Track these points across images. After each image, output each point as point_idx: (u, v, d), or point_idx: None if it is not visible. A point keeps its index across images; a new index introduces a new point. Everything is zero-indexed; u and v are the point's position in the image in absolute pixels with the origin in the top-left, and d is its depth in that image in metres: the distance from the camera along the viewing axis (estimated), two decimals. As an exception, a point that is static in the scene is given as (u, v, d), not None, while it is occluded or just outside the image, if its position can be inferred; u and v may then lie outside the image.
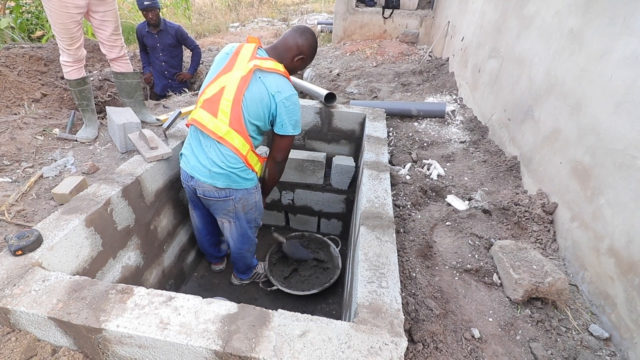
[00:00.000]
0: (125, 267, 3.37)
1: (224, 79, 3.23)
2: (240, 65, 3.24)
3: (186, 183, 3.54)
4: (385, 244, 2.63)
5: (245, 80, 3.17)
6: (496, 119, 4.75)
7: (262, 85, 3.18)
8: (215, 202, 3.53)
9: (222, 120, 3.20)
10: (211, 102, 3.24)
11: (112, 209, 3.10)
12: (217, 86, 3.24)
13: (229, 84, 3.21)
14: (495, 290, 2.79)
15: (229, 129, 3.21)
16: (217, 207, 3.59)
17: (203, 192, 3.46)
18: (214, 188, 3.40)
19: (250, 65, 3.19)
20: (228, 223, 3.75)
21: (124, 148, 4.01)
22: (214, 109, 3.22)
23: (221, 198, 3.48)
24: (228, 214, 3.64)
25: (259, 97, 3.19)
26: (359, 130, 5.10)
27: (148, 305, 2.10)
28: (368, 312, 2.12)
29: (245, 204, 3.59)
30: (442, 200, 3.74)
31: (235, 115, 3.19)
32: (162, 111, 5.23)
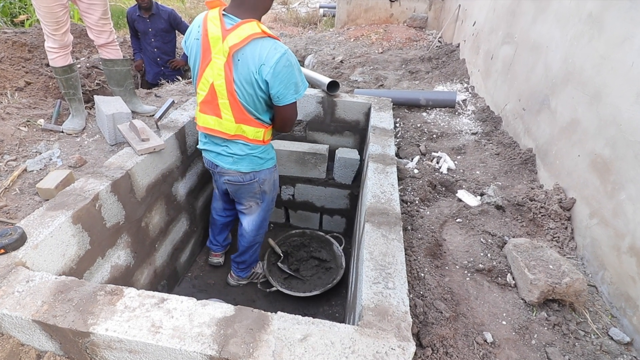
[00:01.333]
0: (115, 266, 3.37)
1: (209, 73, 3.18)
2: (216, 50, 3.08)
3: (212, 169, 3.78)
4: (392, 242, 2.62)
5: (229, 67, 3.08)
6: (510, 109, 4.74)
7: (245, 66, 3.05)
8: (241, 187, 3.75)
9: (227, 119, 3.32)
10: (209, 103, 3.31)
11: (101, 204, 3.09)
12: (206, 84, 3.23)
13: (216, 79, 3.16)
14: (509, 291, 2.78)
15: (238, 125, 3.33)
16: (243, 192, 3.82)
17: (229, 178, 3.71)
18: (239, 173, 3.65)
19: (226, 48, 3.02)
20: (256, 205, 3.98)
21: (113, 140, 4.00)
22: (215, 110, 3.31)
23: (246, 182, 3.70)
24: (254, 197, 3.88)
25: (248, 82, 3.11)
26: (364, 120, 5.09)
27: (139, 308, 2.10)
28: (373, 315, 2.11)
29: (269, 184, 3.84)
30: (452, 196, 3.73)
31: (237, 110, 3.25)
32: (154, 100, 5.23)
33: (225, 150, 3.52)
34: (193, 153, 4.47)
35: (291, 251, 5.15)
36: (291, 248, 5.20)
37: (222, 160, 3.57)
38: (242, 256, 4.52)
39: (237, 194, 3.90)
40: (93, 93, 6.13)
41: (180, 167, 4.26)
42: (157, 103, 5.11)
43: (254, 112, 3.28)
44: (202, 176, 4.82)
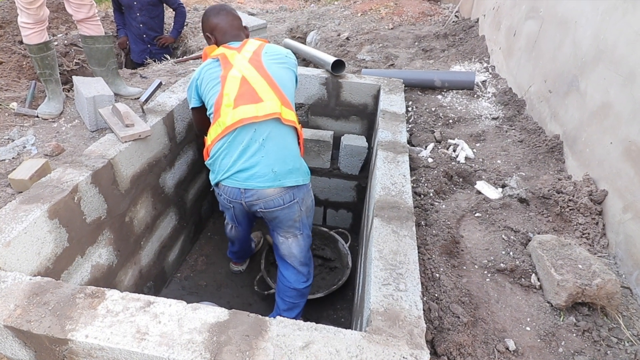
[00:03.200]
0: (96, 266, 3.37)
1: (235, 72, 3.46)
2: (234, 58, 3.53)
3: (236, 202, 3.58)
4: (404, 239, 2.62)
5: (257, 57, 3.54)
6: (535, 91, 4.72)
7: (272, 52, 3.66)
8: (280, 212, 3.58)
9: (271, 99, 3.43)
10: (245, 94, 3.39)
11: (80, 197, 3.09)
12: (234, 82, 3.43)
13: (244, 69, 3.46)
14: (533, 293, 2.77)
15: (283, 106, 3.46)
16: (282, 219, 3.65)
17: (265, 205, 3.51)
18: (281, 192, 3.46)
19: (248, 50, 3.59)
20: (294, 238, 3.81)
21: (94, 125, 4.00)
22: (254, 96, 3.39)
23: (286, 204, 3.53)
24: (294, 225, 3.72)
25: (279, 62, 3.62)
26: (373, 104, 5.09)
27: (122, 312, 2.09)
28: (383, 320, 2.11)
29: (307, 205, 3.72)
30: (470, 188, 3.73)
31: (278, 92, 3.47)
32: (139, 82, 5.22)
33: (262, 157, 3.38)
34: (183, 140, 4.47)
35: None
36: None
37: (260, 180, 3.40)
38: (295, 315, 4.13)
39: (273, 224, 3.75)
40: (72, 74, 6.12)
41: (169, 156, 4.27)
42: (142, 85, 5.11)
43: (289, 95, 3.54)
44: (192, 166, 4.82)
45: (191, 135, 4.63)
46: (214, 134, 3.43)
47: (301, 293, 4.00)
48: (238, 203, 3.57)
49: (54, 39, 6.48)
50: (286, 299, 4.01)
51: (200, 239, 5.48)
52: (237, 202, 3.55)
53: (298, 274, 3.94)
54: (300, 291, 3.98)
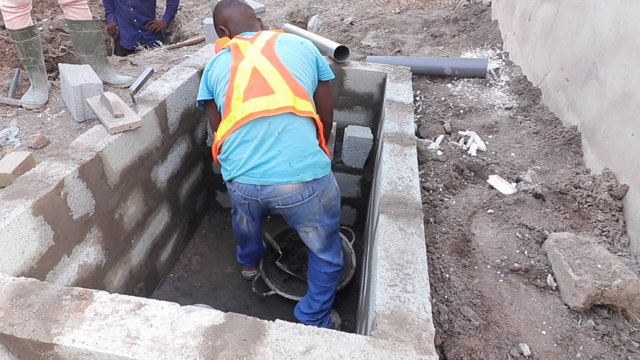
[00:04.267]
0: (83, 266, 3.37)
1: (246, 63, 3.51)
2: (245, 49, 3.59)
3: (252, 199, 3.58)
4: (411, 237, 2.62)
5: (270, 46, 3.60)
6: (551, 80, 4.71)
7: (287, 40, 3.71)
8: (299, 208, 3.57)
9: (283, 91, 3.44)
10: (255, 86, 3.42)
11: (67, 192, 3.08)
12: (245, 73, 3.47)
13: (256, 60, 3.51)
14: (549, 295, 2.77)
15: (296, 97, 3.47)
16: (301, 214, 3.65)
17: (283, 202, 3.52)
18: (300, 187, 3.45)
19: (261, 40, 3.66)
20: (314, 231, 3.81)
21: (81, 116, 4.00)
22: (265, 88, 3.41)
23: (305, 199, 3.53)
24: (313, 219, 3.71)
25: (294, 49, 3.67)
26: (378, 93, 5.08)
27: (112, 315, 2.09)
28: (389, 324, 2.11)
29: (328, 196, 3.68)
30: (482, 182, 3.72)
31: (291, 82, 3.49)
32: (130, 69, 5.22)
33: (279, 151, 3.38)
34: (176, 131, 4.47)
35: (291, 248, 5.15)
36: (291, 244, 5.19)
37: (277, 175, 3.40)
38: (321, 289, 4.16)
39: (292, 220, 3.77)
40: (57, 61, 6.12)
41: (161, 149, 4.26)
42: (133, 72, 5.11)
43: (304, 84, 3.57)
44: (186, 159, 4.82)
45: (185, 126, 4.63)
46: (224, 129, 3.46)
47: (331, 277, 4.03)
48: (254, 200, 3.57)
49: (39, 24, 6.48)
50: (317, 282, 4.07)
51: (194, 237, 5.47)
52: (253, 199, 3.56)
53: (321, 260, 3.97)
54: (330, 275, 4.02)
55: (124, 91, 4.56)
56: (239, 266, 4.96)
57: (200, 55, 5.13)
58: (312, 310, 4.13)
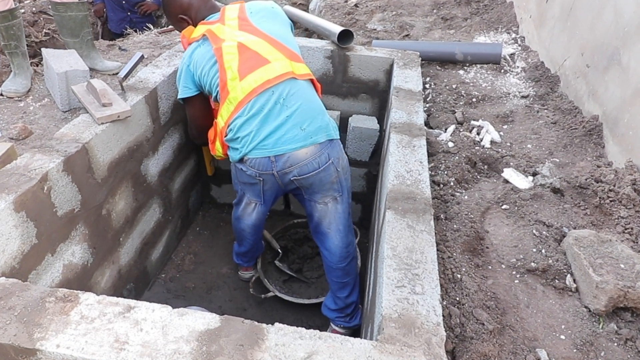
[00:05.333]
0: (68, 265, 3.37)
1: (229, 42, 3.58)
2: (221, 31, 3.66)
3: (267, 173, 3.62)
4: (420, 234, 2.61)
5: (244, 19, 3.72)
6: (570, 66, 4.71)
7: (256, 6, 3.86)
8: (316, 176, 3.65)
9: (278, 59, 3.57)
10: (248, 61, 3.52)
11: (51, 187, 3.08)
12: (231, 51, 3.55)
13: (238, 37, 3.60)
14: (568, 297, 2.77)
15: (292, 62, 3.62)
16: (319, 184, 3.72)
17: (299, 171, 3.58)
18: (314, 153, 3.57)
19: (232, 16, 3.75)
20: (333, 202, 3.87)
21: (66, 105, 4.00)
22: (259, 60, 3.52)
23: (322, 167, 3.61)
24: (332, 187, 3.78)
25: (270, 15, 3.86)
26: (385, 80, 5.08)
27: (99, 318, 2.09)
28: (397, 328, 2.10)
29: (343, 165, 3.78)
30: (497, 176, 3.72)
31: (282, 48, 3.64)
32: (118, 55, 5.21)
33: (287, 116, 3.47)
34: (168, 121, 4.47)
35: (292, 246, 5.16)
36: (292, 242, 5.20)
37: (291, 141, 3.48)
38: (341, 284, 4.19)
39: (309, 192, 3.82)
40: (41, 46, 6.12)
41: (152, 140, 4.26)
42: (122, 58, 5.11)
43: (292, 45, 3.76)
44: (179, 151, 4.83)
45: (177, 116, 4.63)
46: (226, 113, 3.52)
47: (345, 271, 4.07)
48: (269, 174, 3.62)
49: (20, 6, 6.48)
50: (334, 279, 4.12)
51: (187, 234, 5.49)
52: (268, 173, 3.60)
53: (338, 247, 3.99)
54: (344, 269, 4.06)
55: (112, 78, 4.55)
56: (235, 266, 4.97)
57: (193, 40, 5.12)
58: (337, 306, 4.19)
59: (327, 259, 4.06)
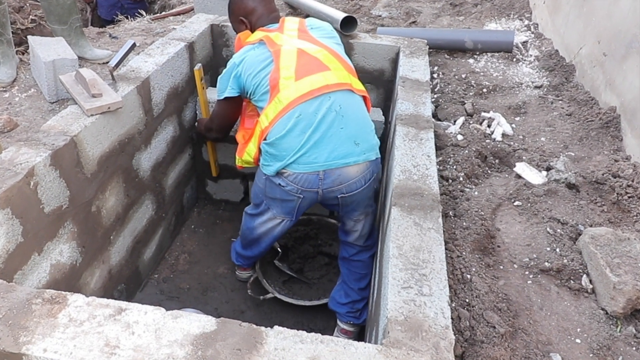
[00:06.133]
0: (56, 265, 3.37)
1: (288, 47, 3.66)
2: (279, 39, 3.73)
3: (311, 191, 3.60)
4: (428, 232, 2.61)
5: (304, 31, 3.88)
6: (586, 54, 4.70)
7: (318, 23, 4.08)
8: (360, 194, 3.68)
9: (338, 68, 3.65)
10: (307, 65, 3.57)
11: (37, 182, 3.07)
12: (290, 55, 3.61)
13: (298, 44, 3.70)
14: (584, 298, 2.77)
15: (350, 75, 3.72)
16: (359, 201, 3.78)
17: (347, 189, 3.59)
18: (363, 170, 3.59)
19: (292, 27, 3.89)
20: (366, 217, 3.94)
21: (53, 96, 3.99)
22: (319, 65, 3.58)
23: (366, 184, 3.64)
24: (368, 204, 3.90)
25: (330, 34, 4.02)
26: (390, 70, 5.08)
27: (88, 321, 2.09)
28: (403, 331, 2.10)
29: (378, 179, 3.83)
30: (508, 171, 3.71)
31: (342, 61, 3.75)
32: (109, 43, 5.21)
33: (340, 129, 3.45)
34: (161, 113, 4.47)
35: (292, 245, 5.15)
36: (292, 241, 5.19)
37: (343, 156, 3.46)
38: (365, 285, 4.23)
39: (347, 209, 3.85)
40: (27, 33, 6.12)
41: (144, 133, 4.25)
42: (112, 46, 5.10)
43: (349, 61, 3.87)
44: (173, 144, 4.83)
45: (171, 107, 4.62)
46: (272, 112, 3.51)
47: (366, 264, 4.12)
48: (313, 192, 3.60)
49: (5, -9, 6.47)
50: (353, 269, 4.16)
51: (182, 232, 5.49)
52: (313, 191, 3.58)
53: (361, 249, 4.08)
54: (365, 262, 4.11)
55: (102, 67, 4.55)
56: (232, 266, 4.95)
57: (188, 27, 5.12)
58: (350, 298, 4.19)
59: (347, 256, 4.14)
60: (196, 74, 4.57)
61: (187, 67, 4.83)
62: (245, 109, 4.03)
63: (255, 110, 3.88)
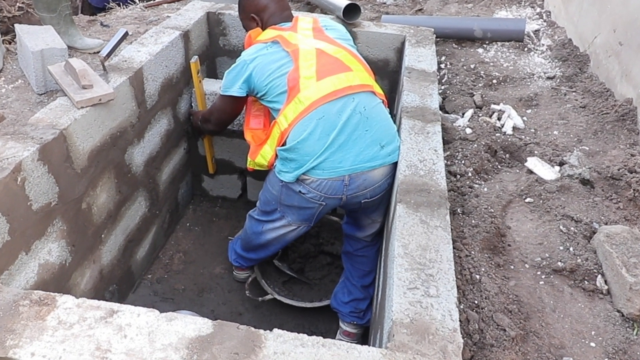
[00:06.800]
0: (45, 265, 3.37)
1: (306, 47, 3.67)
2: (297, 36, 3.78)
3: (334, 197, 3.59)
4: (435, 230, 2.61)
5: (319, 31, 3.91)
6: (601, 44, 4.69)
7: (332, 24, 4.13)
8: (382, 197, 3.66)
9: (360, 70, 3.70)
10: (328, 65, 3.59)
11: (25, 178, 3.07)
12: (309, 55, 3.63)
13: (315, 43, 3.72)
14: (599, 300, 2.76)
15: (371, 78, 3.77)
16: (380, 204, 3.77)
17: (372, 193, 3.58)
18: (388, 172, 3.56)
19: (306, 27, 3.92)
20: (382, 218, 3.90)
21: (42, 87, 3.99)
22: (341, 66, 3.60)
23: (388, 187, 3.61)
24: (385, 206, 3.81)
25: (345, 35, 4.09)
26: (395, 60, 5.09)
27: (78, 323, 2.09)
28: (409, 334, 2.10)
29: None
30: (519, 166, 3.71)
31: (361, 62, 3.80)
32: (100, 32, 5.21)
33: (365, 131, 3.44)
34: (155, 105, 4.47)
35: (293, 244, 5.14)
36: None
37: (369, 159, 3.44)
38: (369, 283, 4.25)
39: (366, 213, 3.86)
40: (14, 21, 6.11)
41: (137, 126, 4.25)
42: (104, 35, 5.10)
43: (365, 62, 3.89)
44: (167, 138, 4.83)
45: (165, 99, 4.62)
46: (292, 114, 3.48)
47: (372, 259, 4.13)
48: (336, 199, 3.59)
49: (-9, -22, 6.47)
50: (357, 266, 4.18)
51: (176, 230, 5.49)
52: (336, 197, 3.57)
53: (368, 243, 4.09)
54: (371, 258, 4.12)
55: (93, 57, 4.54)
56: (229, 266, 4.95)
57: (183, 15, 5.12)
58: (352, 296, 4.19)
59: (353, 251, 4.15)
60: (192, 67, 4.57)
61: (182, 57, 4.84)
62: (250, 108, 4.03)
63: (261, 110, 3.91)
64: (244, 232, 4.37)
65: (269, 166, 3.80)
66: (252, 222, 4.17)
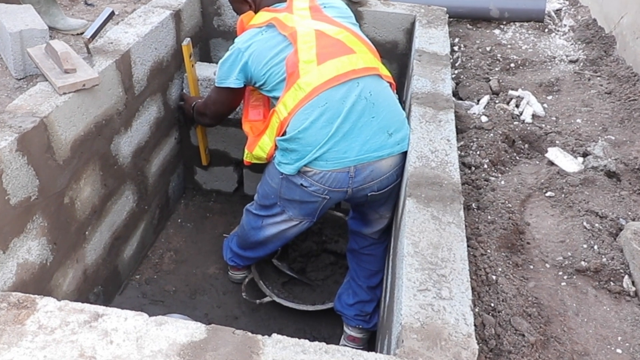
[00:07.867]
0: (23, 264, 3.37)
1: (304, 28, 3.62)
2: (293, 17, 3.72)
3: (339, 190, 3.59)
4: (448, 227, 2.61)
5: (317, 10, 3.84)
6: (628, 24, 4.68)
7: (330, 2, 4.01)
8: (391, 190, 3.67)
9: (364, 51, 3.67)
10: (329, 47, 3.58)
11: (2, 170, 3.06)
12: (308, 37, 3.59)
13: (313, 24, 3.68)
14: (626, 302, 2.76)
15: (376, 59, 3.76)
16: (388, 197, 3.76)
17: (379, 185, 3.59)
18: (397, 162, 3.57)
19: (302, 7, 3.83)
20: (391, 213, 3.90)
21: (20, 71, 3.99)
22: (343, 48, 3.58)
23: (399, 177, 3.63)
24: (395, 199, 3.80)
25: (346, 13, 4.02)
26: (405, 42, 5.08)
27: (60, 328, 2.08)
28: (419, 339, 2.10)
29: None
30: (539, 157, 3.71)
31: (365, 43, 3.78)
32: (83, 11, 5.20)
33: (371, 118, 3.44)
34: (143, 91, 4.47)
35: (293, 242, 5.14)
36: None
37: (376, 149, 3.44)
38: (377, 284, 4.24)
39: (374, 206, 3.87)
40: (-10, 1, 6.12)
41: (124, 113, 4.25)
42: (88, 15, 5.09)
43: (369, 41, 3.89)
44: (156, 126, 4.83)
45: (155, 84, 4.62)
46: (291, 101, 3.47)
47: (380, 257, 4.13)
48: (341, 192, 3.59)
49: (-34, -47, 6.46)
50: (364, 265, 4.18)
51: (167, 227, 5.50)
52: (341, 190, 3.57)
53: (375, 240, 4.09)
54: (379, 256, 4.12)
55: (77, 39, 4.54)
56: (224, 265, 4.96)
57: (174, -7, 5.12)
58: (358, 298, 4.19)
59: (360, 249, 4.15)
60: (184, 49, 4.56)
61: (173, 39, 4.83)
62: (248, 99, 4.03)
63: (260, 100, 3.92)
64: (241, 228, 4.36)
65: (267, 159, 3.79)
66: (250, 216, 4.17)
